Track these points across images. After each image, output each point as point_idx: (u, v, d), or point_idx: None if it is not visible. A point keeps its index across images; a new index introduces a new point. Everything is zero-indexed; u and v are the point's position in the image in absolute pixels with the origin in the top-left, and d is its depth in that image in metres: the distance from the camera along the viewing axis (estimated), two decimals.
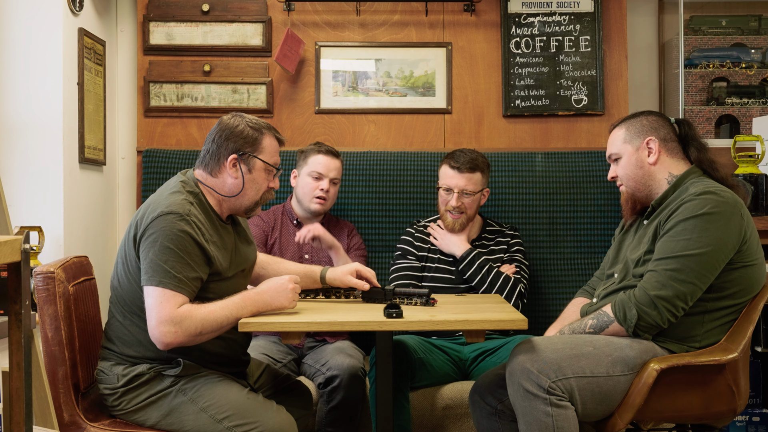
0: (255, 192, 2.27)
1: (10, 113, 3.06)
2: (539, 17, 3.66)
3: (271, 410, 2.17)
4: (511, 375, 2.21)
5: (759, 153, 3.29)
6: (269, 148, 2.27)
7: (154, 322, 2.05)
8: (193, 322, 2.06)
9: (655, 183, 2.41)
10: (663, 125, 2.44)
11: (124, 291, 2.19)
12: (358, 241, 3.16)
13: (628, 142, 2.45)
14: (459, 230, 3.02)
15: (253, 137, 2.24)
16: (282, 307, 2.17)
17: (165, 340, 2.05)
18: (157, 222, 2.09)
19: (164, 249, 2.06)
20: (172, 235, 2.07)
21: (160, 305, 2.04)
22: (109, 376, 2.17)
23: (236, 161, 2.23)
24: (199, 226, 2.14)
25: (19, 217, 3.01)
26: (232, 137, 2.23)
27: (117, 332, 2.21)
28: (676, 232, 2.23)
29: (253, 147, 2.24)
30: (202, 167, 2.27)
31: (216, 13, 3.63)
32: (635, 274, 2.33)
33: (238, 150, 2.23)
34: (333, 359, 2.80)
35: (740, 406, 2.29)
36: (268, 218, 3.11)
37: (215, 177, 2.25)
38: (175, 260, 2.06)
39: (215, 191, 2.25)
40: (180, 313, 2.05)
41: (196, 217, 2.14)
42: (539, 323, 3.11)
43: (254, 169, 2.25)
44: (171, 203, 2.12)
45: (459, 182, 2.97)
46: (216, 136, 2.25)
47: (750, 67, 3.88)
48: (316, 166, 3.03)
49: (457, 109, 3.67)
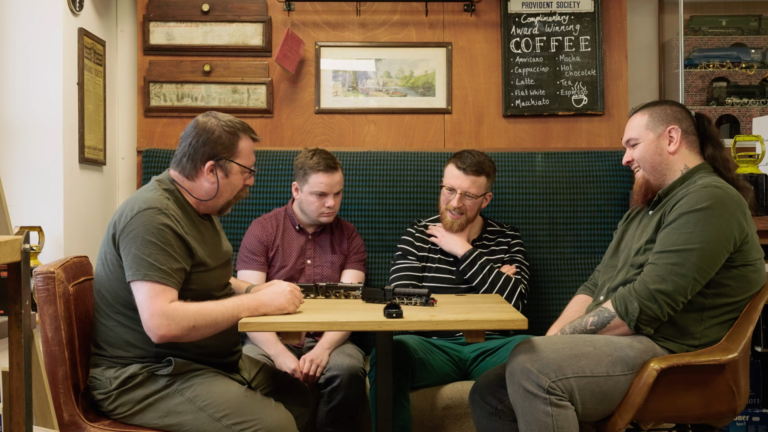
0: (230, 193, 2.29)
1: (10, 113, 3.06)
2: (539, 17, 3.66)
3: (269, 407, 2.18)
4: (511, 375, 2.20)
5: (759, 153, 3.29)
6: (245, 151, 2.28)
7: (146, 315, 2.06)
8: (186, 315, 2.07)
9: (671, 173, 2.40)
10: (686, 117, 2.44)
11: (106, 292, 2.20)
12: (359, 244, 3.16)
13: (651, 129, 2.42)
14: (457, 230, 3.02)
15: (230, 142, 2.25)
16: (281, 307, 2.18)
17: (159, 332, 2.06)
18: (136, 218, 2.10)
19: (146, 243, 2.08)
20: (153, 229, 2.09)
21: (150, 299, 2.06)
22: (102, 381, 2.17)
23: (213, 167, 2.24)
24: (178, 220, 2.16)
25: (19, 217, 3.01)
26: (209, 143, 2.23)
27: (103, 336, 2.21)
28: (678, 224, 2.23)
29: (229, 152, 2.25)
30: (178, 169, 2.27)
31: (216, 13, 3.63)
32: (634, 264, 2.33)
33: (216, 156, 2.23)
34: (333, 359, 2.80)
35: (740, 406, 2.29)
36: (269, 224, 3.10)
37: (191, 180, 2.26)
38: (158, 253, 2.08)
39: (191, 194, 2.26)
40: (172, 307, 2.06)
41: (174, 211, 2.17)
42: (539, 323, 3.11)
43: (231, 174, 2.26)
44: (148, 199, 2.15)
45: (463, 183, 2.97)
46: (192, 141, 2.24)
47: (750, 67, 3.88)
48: (318, 186, 2.97)
49: (457, 109, 3.67)
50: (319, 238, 3.10)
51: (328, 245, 3.10)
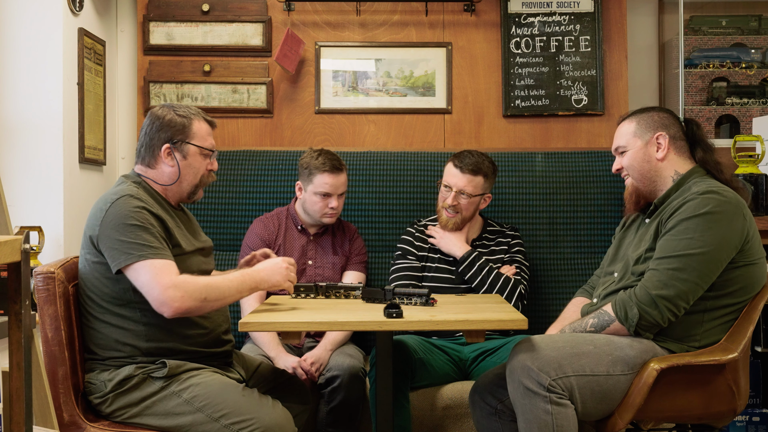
0: (193, 176, 2.33)
1: (10, 113, 3.06)
2: (539, 17, 3.66)
3: (267, 406, 2.18)
4: (512, 373, 2.20)
5: (759, 153, 3.29)
6: (200, 132, 2.33)
7: (157, 290, 2.06)
8: (197, 287, 2.10)
9: (661, 179, 2.41)
10: (673, 123, 2.44)
11: (91, 293, 2.20)
12: (360, 245, 3.16)
13: (638, 136, 2.43)
14: (452, 229, 3.02)
15: (182, 124, 2.30)
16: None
17: (174, 305, 2.07)
18: (111, 210, 2.14)
19: (129, 227, 2.11)
20: (131, 213, 2.13)
21: (157, 275, 2.07)
22: (97, 384, 2.17)
23: (170, 149, 2.29)
24: (151, 205, 2.20)
25: (19, 217, 3.01)
26: (162, 128, 2.29)
27: (94, 339, 2.21)
28: (678, 231, 2.23)
29: (183, 134, 2.30)
30: (139, 161, 2.34)
31: (216, 13, 3.63)
32: (635, 272, 2.32)
33: (171, 139, 2.29)
34: (333, 359, 2.80)
35: (740, 406, 2.29)
36: (271, 223, 3.10)
37: (153, 168, 2.31)
38: (144, 233, 2.11)
39: (156, 182, 2.31)
40: (182, 279, 2.10)
41: (145, 197, 2.22)
42: (539, 323, 3.10)
43: (189, 155, 2.31)
44: (117, 191, 2.20)
45: (459, 182, 2.97)
46: (147, 129, 2.32)
47: (750, 67, 3.88)
48: (322, 186, 2.97)
49: (457, 109, 3.67)
50: (321, 239, 3.10)
51: (329, 246, 3.10)
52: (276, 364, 2.77)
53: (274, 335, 2.86)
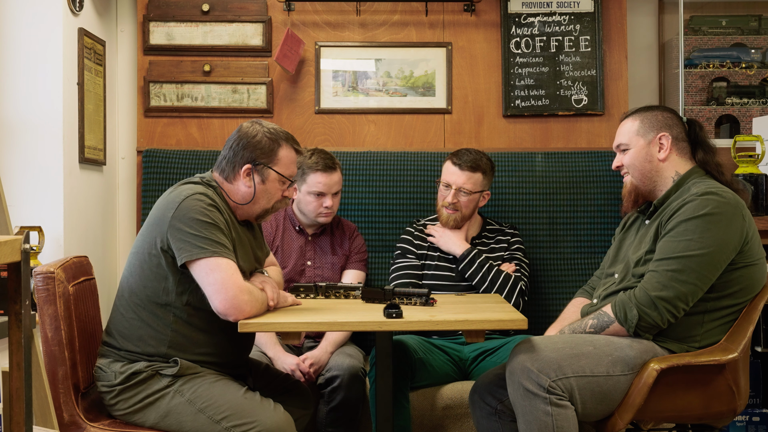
0: (266, 201, 2.29)
1: (10, 113, 3.06)
2: (539, 17, 3.66)
3: (268, 409, 2.17)
4: (511, 374, 2.20)
5: (759, 153, 3.29)
6: (285, 159, 2.28)
7: (232, 291, 2.05)
8: (262, 296, 2.14)
9: (661, 180, 2.40)
10: (676, 123, 2.43)
11: (137, 284, 2.19)
12: (360, 244, 3.16)
13: (641, 135, 2.42)
14: (452, 227, 3.03)
15: (269, 148, 2.25)
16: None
17: (246, 309, 2.07)
18: (184, 204, 2.11)
19: (202, 223, 2.09)
20: (206, 210, 2.11)
21: (232, 276, 2.06)
22: (107, 374, 2.17)
23: (250, 171, 2.25)
24: (223, 210, 2.19)
25: (19, 217, 3.01)
26: (248, 146, 2.25)
27: (118, 326, 2.21)
28: (677, 232, 2.23)
29: (268, 158, 2.26)
30: (218, 171, 2.30)
31: (216, 13, 3.63)
32: (635, 274, 2.32)
33: (254, 160, 2.25)
34: (333, 359, 2.80)
35: (740, 406, 2.29)
36: (269, 224, 3.10)
37: (230, 183, 2.28)
38: (215, 230, 2.10)
39: (229, 197, 2.28)
40: (250, 285, 2.13)
41: (219, 203, 2.20)
42: (539, 323, 3.10)
43: (268, 180, 2.26)
44: (193, 187, 2.18)
45: (458, 179, 2.98)
46: (233, 144, 2.27)
47: (750, 67, 3.88)
48: (316, 186, 2.97)
49: (457, 109, 3.67)
50: (319, 240, 3.10)
51: (328, 246, 3.10)
52: (275, 364, 2.77)
53: (273, 335, 2.86)
